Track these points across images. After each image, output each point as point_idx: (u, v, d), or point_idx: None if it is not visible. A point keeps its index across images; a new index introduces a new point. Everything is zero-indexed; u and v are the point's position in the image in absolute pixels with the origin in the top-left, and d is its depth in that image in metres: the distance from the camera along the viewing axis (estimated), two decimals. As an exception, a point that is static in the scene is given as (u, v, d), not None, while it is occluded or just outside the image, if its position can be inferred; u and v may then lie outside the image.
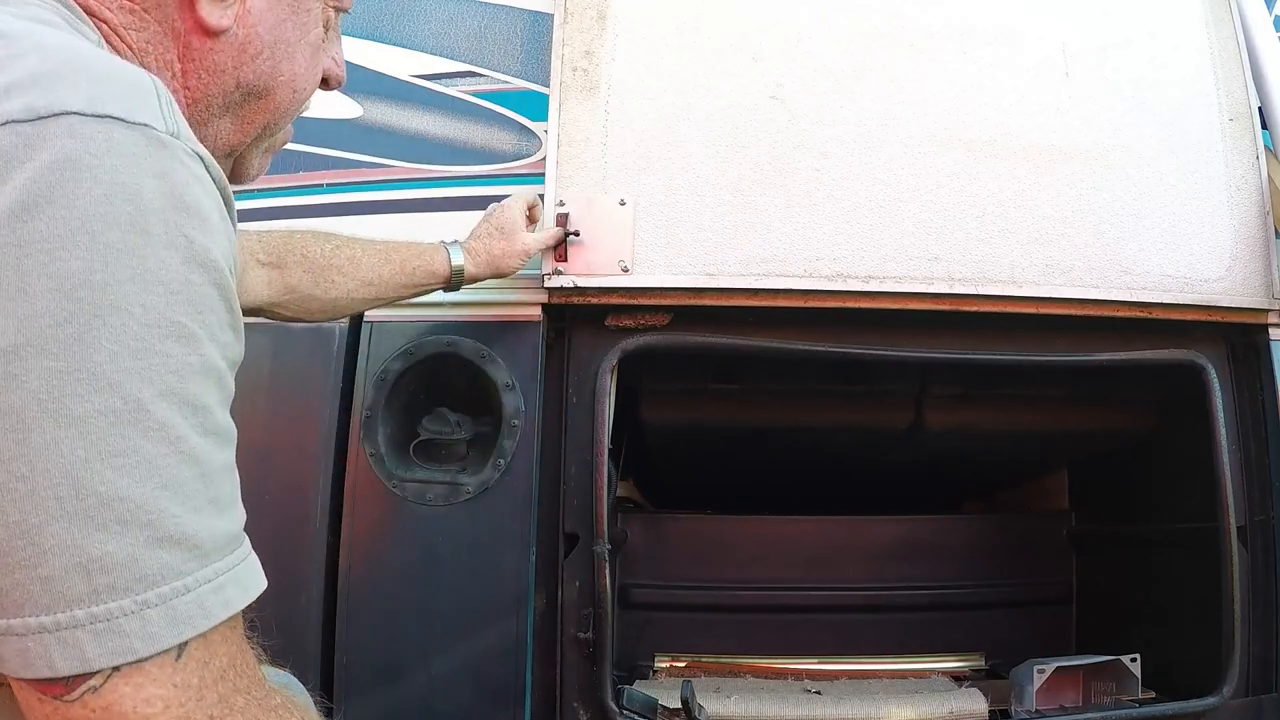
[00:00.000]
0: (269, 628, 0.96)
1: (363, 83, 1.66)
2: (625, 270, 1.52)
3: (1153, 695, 1.61)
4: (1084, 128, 1.61)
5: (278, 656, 0.98)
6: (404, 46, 1.69)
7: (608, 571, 1.49)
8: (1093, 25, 1.67)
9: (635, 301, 1.54)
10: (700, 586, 2.01)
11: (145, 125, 0.62)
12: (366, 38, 1.68)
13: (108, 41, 0.75)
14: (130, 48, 0.76)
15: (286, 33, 0.82)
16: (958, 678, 1.86)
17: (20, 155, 0.58)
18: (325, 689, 1.40)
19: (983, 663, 1.95)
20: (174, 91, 0.77)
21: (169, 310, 0.60)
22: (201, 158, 0.65)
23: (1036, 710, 1.56)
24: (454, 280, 1.40)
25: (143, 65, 0.75)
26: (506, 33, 1.69)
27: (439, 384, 1.53)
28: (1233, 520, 1.53)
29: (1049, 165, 1.59)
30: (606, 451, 1.50)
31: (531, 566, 1.45)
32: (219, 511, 0.63)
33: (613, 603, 1.54)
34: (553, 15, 1.63)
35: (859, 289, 1.53)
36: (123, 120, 0.61)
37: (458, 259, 1.39)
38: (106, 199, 0.59)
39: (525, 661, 1.43)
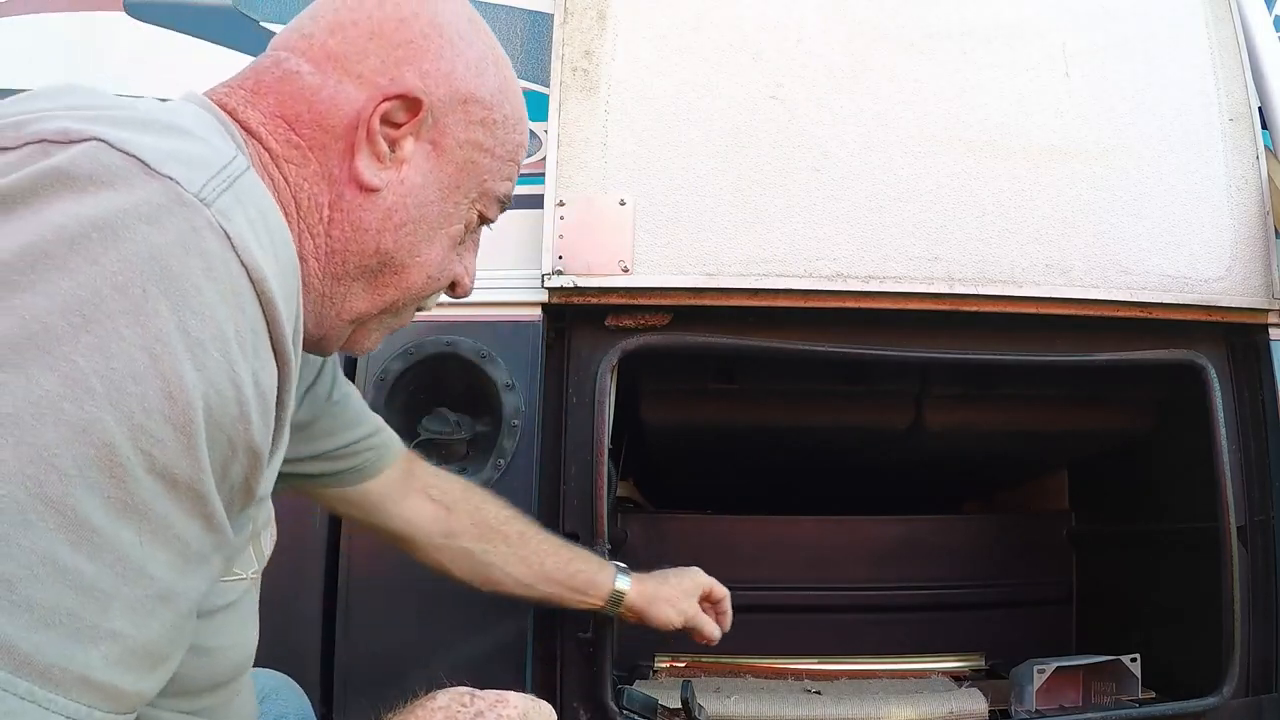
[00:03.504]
0: (269, 628, 0.96)
1: (363, 83, 1.65)
2: (625, 270, 1.52)
3: (1153, 695, 1.60)
4: (1084, 128, 1.61)
5: (278, 657, 0.98)
6: (404, 46, 1.69)
7: (608, 571, 1.49)
8: (1093, 25, 1.67)
9: (635, 301, 1.54)
10: (700, 586, 2.01)
11: (170, 179, 0.56)
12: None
13: (260, 164, 0.72)
14: (286, 179, 0.74)
15: (431, 215, 0.80)
16: (958, 678, 1.86)
17: (19, 165, 0.55)
18: (325, 689, 1.40)
19: (983, 663, 1.95)
20: (316, 236, 0.75)
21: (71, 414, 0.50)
22: (230, 239, 0.57)
23: (1036, 710, 1.56)
24: (611, 601, 1.35)
25: (294, 199, 0.74)
26: (506, 33, 1.69)
27: (439, 384, 1.53)
28: (1233, 520, 1.53)
29: (1049, 165, 1.59)
30: (606, 451, 1.50)
31: (531, 566, 1.44)
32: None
33: (613, 603, 1.53)
34: (553, 15, 1.63)
35: (859, 289, 1.53)
36: (145, 164, 0.56)
37: (623, 583, 1.36)
38: (70, 227, 0.52)
39: (525, 661, 1.43)
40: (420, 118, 0.77)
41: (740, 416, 1.82)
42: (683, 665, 1.90)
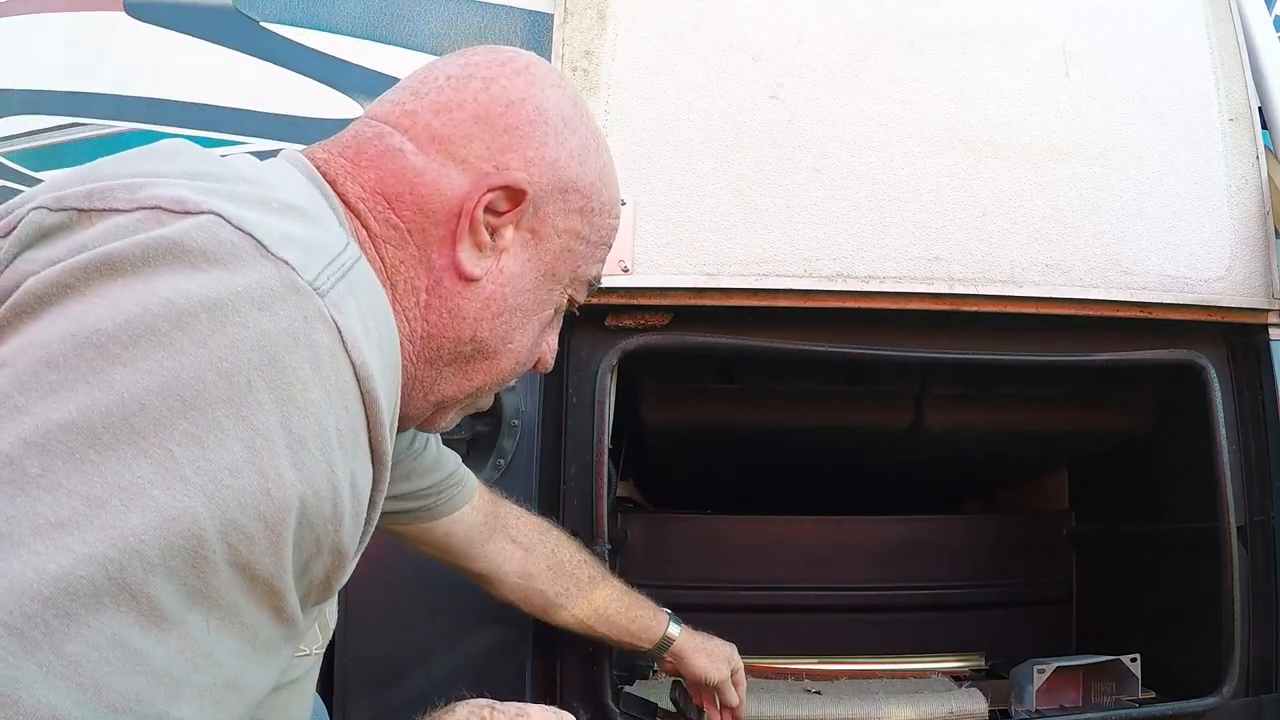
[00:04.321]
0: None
1: (363, 83, 1.66)
2: (625, 270, 1.52)
3: (1153, 695, 1.61)
4: (1084, 128, 1.61)
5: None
6: (404, 46, 1.69)
7: (608, 571, 1.49)
8: (1093, 25, 1.67)
9: (635, 301, 1.54)
10: (700, 586, 2.01)
11: (285, 263, 0.54)
12: (366, 38, 1.68)
13: (359, 242, 0.70)
14: (383, 260, 0.72)
15: (527, 303, 0.79)
16: (958, 678, 1.86)
17: (132, 229, 0.52)
18: (325, 689, 1.40)
19: (983, 663, 1.95)
20: (413, 320, 0.74)
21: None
22: (341, 333, 0.56)
23: (1036, 710, 1.56)
24: (660, 645, 1.39)
25: (390, 283, 0.72)
26: (506, 33, 1.69)
27: (439, 384, 1.53)
28: (1233, 520, 1.53)
29: (1049, 165, 1.59)
30: (606, 451, 1.50)
31: (531, 566, 1.44)
32: None
33: (613, 603, 1.53)
34: (553, 15, 1.63)
35: (859, 289, 1.53)
36: (261, 245, 0.54)
37: (675, 629, 1.40)
38: (179, 304, 0.50)
39: (525, 661, 1.43)
40: (523, 208, 0.76)
41: (740, 416, 1.82)
42: (683, 665, 1.90)
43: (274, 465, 0.51)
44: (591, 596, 1.32)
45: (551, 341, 0.87)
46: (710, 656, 1.42)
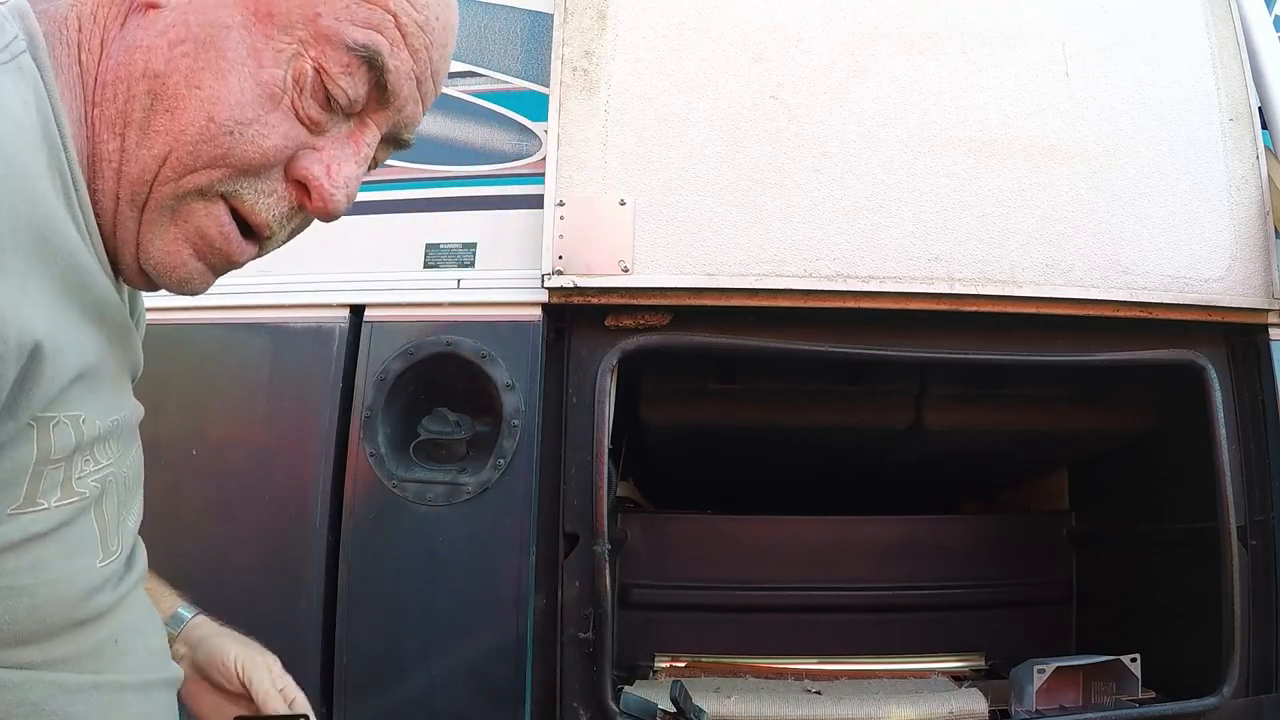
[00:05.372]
0: (269, 628, 0.96)
1: (363, 83, 1.65)
2: (625, 270, 1.52)
3: (1153, 695, 1.61)
4: (1084, 128, 1.61)
5: (277, 656, 0.98)
6: (404, 46, 1.69)
7: (608, 571, 1.49)
8: (1093, 25, 1.67)
9: (635, 301, 1.54)
10: (700, 586, 2.01)
11: None
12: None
13: (65, 42, 0.65)
14: (79, 22, 0.66)
15: (224, 41, 0.65)
16: (958, 678, 1.86)
17: None
18: (325, 689, 1.40)
19: (983, 663, 1.95)
20: (89, 75, 0.65)
21: None
22: None
23: (1036, 710, 1.56)
24: (171, 622, 0.97)
25: (79, 45, 0.65)
26: (506, 33, 1.69)
27: (439, 384, 1.53)
28: (1233, 520, 1.53)
29: (1049, 165, 1.59)
30: (606, 451, 1.50)
31: (531, 566, 1.45)
32: None
33: (613, 603, 1.54)
34: (553, 15, 1.63)
35: (859, 289, 1.53)
36: None
37: (189, 613, 0.98)
38: None
39: (525, 661, 1.43)
40: None
41: (740, 416, 1.82)
42: (683, 665, 1.91)
43: None
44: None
45: (335, 158, 0.69)
46: (246, 644, 0.98)
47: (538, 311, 1.53)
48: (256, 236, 0.70)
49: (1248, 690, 1.53)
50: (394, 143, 0.74)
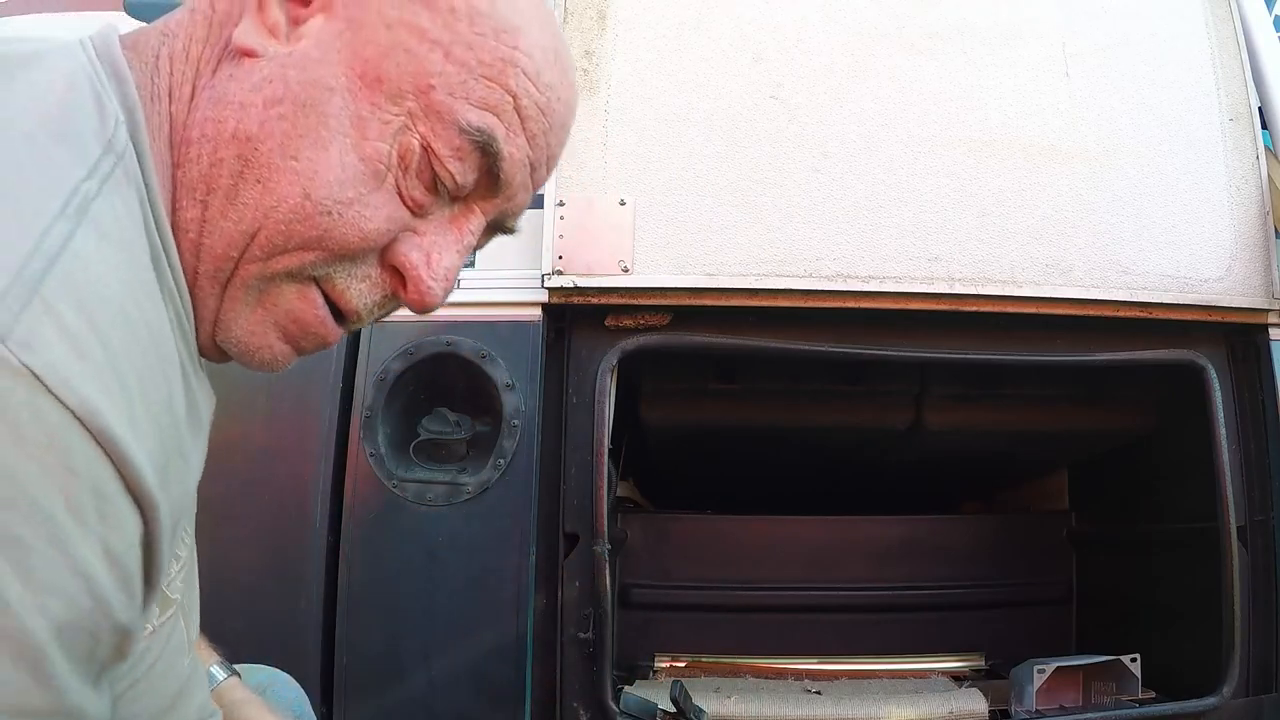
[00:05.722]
0: (269, 628, 0.96)
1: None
2: (625, 270, 1.52)
3: (1153, 695, 1.61)
4: (1084, 128, 1.61)
5: (278, 657, 0.98)
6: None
7: (608, 571, 1.49)
8: (1093, 25, 1.67)
9: (635, 301, 1.54)
10: (700, 586, 2.01)
11: None
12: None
13: (148, 90, 0.58)
14: (170, 76, 0.58)
15: (327, 106, 0.57)
16: (958, 678, 1.87)
17: None
18: (325, 689, 1.40)
19: (983, 663, 1.95)
20: (177, 131, 0.58)
21: None
22: (40, 378, 0.42)
23: (1036, 710, 1.56)
24: None
25: (169, 94, 0.58)
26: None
27: (439, 384, 1.53)
28: (1233, 520, 1.53)
29: (1049, 165, 1.59)
30: (606, 451, 1.50)
31: (531, 566, 1.45)
32: None
33: (613, 603, 1.54)
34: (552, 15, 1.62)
35: (859, 289, 1.53)
36: None
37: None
38: None
39: (525, 661, 1.43)
40: None
41: (740, 416, 1.82)
42: (683, 665, 1.91)
43: None
44: None
45: (435, 245, 0.62)
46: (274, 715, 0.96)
47: (538, 311, 1.53)
48: (343, 318, 0.63)
49: (1248, 690, 1.53)
50: (497, 229, 0.67)
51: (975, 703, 1.59)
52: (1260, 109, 1.65)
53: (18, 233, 0.45)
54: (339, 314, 0.62)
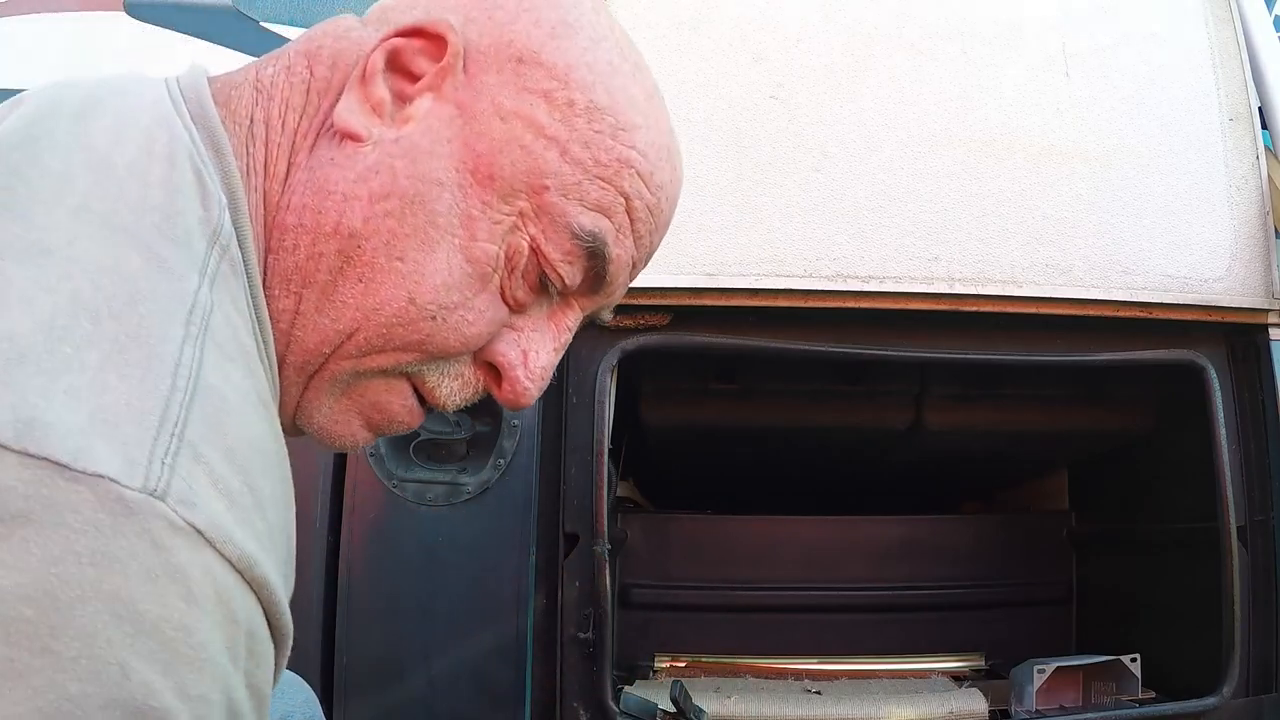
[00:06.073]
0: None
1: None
2: (625, 270, 1.52)
3: (1153, 695, 1.61)
4: (1084, 128, 1.61)
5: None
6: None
7: (608, 571, 1.49)
8: (1093, 25, 1.67)
9: (635, 301, 1.54)
10: (700, 586, 2.01)
11: (101, 477, 0.39)
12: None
13: (246, 163, 0.55)
14: (266, 144, 0.55)
15: (436, 203, 0.54)
16: (958, 678, 1.86)
17: None
18: (325, 689, 1.40)
19: (983, 663, 1.95)
20: (272, 210, 0.55)
21: None
22: (202, 533, 0.41)
23: (1036, 710, 1.56)
24: None
25: (265, 169, 0.55)
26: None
27: (439, 384, 1.52)
28: (1233, 520, 1.53)
29: (1049, 165, 1.59)
30: (606, 451, 1.50)
31: (531, 566, 1.45)
32: None
33: (613, 603, 1.54)
34: (553, 15, 1.62)
35: (859, 289, 1.53)
36: (63, 467, 0.38)
37: None
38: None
39: (525, 661, 1.43)
40: (445, 65, 0.55)
41: (740, 416, 1.82)
42: (683, 665, 1.91)
43: None
44: None
45: (533, 345, 0.60)
46: None
47: (538, 311, 1.53)
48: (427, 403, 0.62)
49: (1248, 690, 1.53)
50: (590, 321, 0.66)
51: (975, 703, 1.59)
52: (1260, 109, 1.65)
53: (152, 367, 0.43)
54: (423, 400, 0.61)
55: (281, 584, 0.47)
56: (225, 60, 1.68)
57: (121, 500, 0.39)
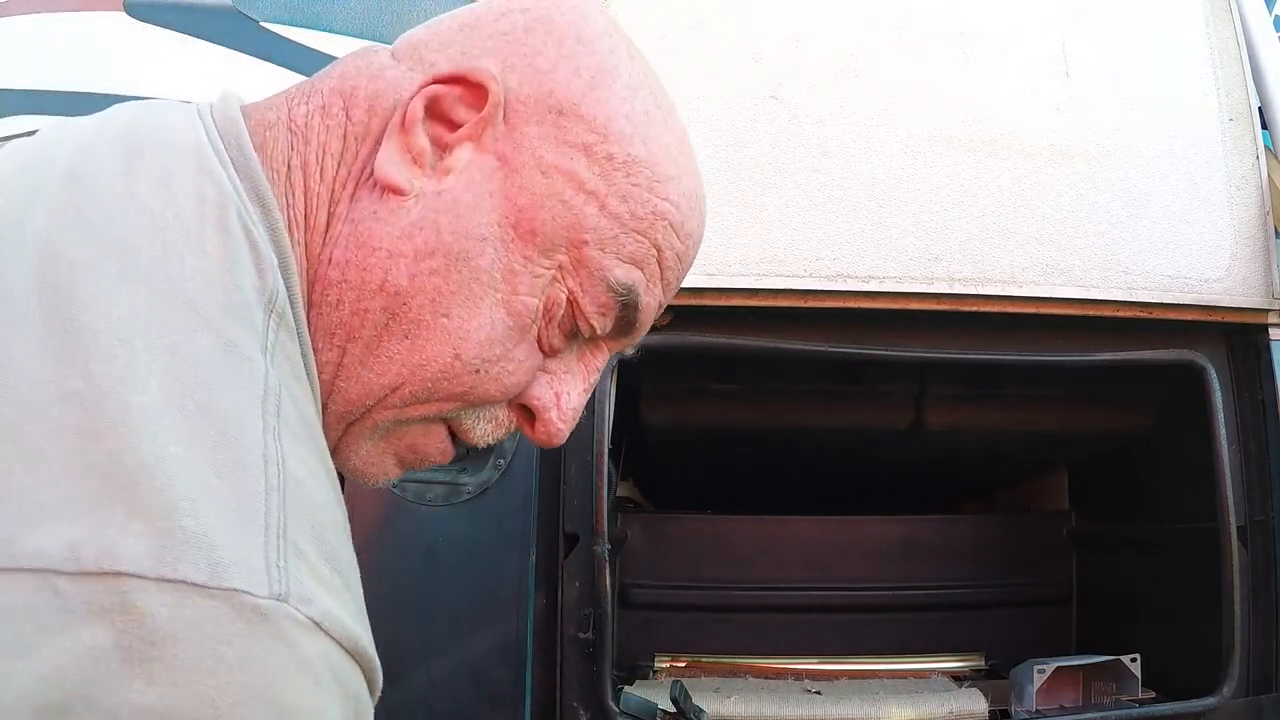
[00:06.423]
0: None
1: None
2: (625, 270, 1.52)
3: (1153, 695, 1.61)
4: (1084, 128, 1.61)
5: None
6: (404, 46, 1.69)
7: (608, 571, 1.49)
8: (1093, 25, 1.67)
9: (635, 301, 1.54)
10: (700, 586, 2.01)
11: (235, 590, 0.41)
12: (367, 38, 1.68)
13: (289, 210, 0.54)
14: (306, 193, 0.55)
15: (479, 259, 0.54)
16: (958, 678, 1.87)
17: (48, 628, 0.39)
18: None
19: (983, 663, 1.95)
20: (314, 261, 0.54)
21: None
22: (320, 624, 0.44)
23: (1036, 710, 1.56)
24: None
25: (304, 219, 0.54)
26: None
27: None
28: (1233, 520, 1.53)
29: (1049, 165, 1.59)
30: (607, 451, 1.50)
31: (531, 566, 1.45)
32: None
33: (613, 603, 1.54)
34: (553, 15, 1.62)
35: (859, 289, 1.53)
36: (201, 586, 0.40)
37: None
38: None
39: (525, 661, 1.43)
40: (486, 116, 0.55)
41: (740, 416, 1.82)
42: (683, 665, 1.91)
43: None
44: None
45: (566, 388, 0.61)
46: None
47: (538, 311, 1.53)
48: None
49: (1248, 690, 1.53)
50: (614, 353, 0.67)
51: (975, 703, 1.59)
52: (1260, 109, 1.65)
53: (246, 465, 0.44)
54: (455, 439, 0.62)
55: (372, 646, 0.49)
56: (225, 60, 1.68)
57: (256, 610, 0.41)
